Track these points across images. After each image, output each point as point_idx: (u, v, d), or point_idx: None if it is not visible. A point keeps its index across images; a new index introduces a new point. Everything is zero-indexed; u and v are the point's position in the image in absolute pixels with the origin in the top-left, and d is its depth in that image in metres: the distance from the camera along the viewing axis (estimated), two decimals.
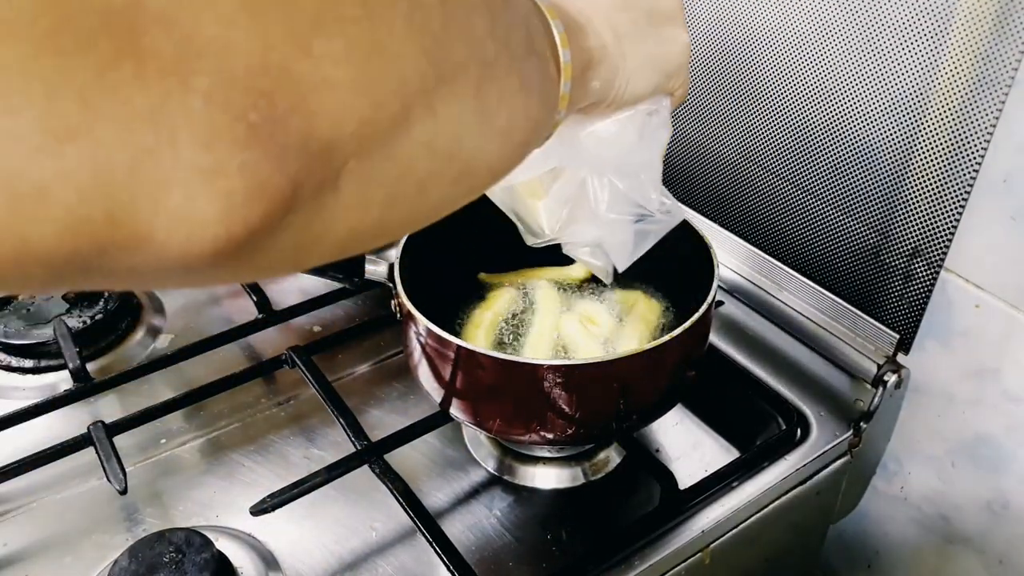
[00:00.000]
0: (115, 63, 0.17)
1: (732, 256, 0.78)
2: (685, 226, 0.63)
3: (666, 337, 0.53)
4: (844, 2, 0.63)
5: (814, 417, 0.67)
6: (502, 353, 0.55)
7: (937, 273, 0.63)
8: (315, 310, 0.78)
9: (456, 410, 0.58)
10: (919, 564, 0.78)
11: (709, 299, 0.55)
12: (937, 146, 0.60)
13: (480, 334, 0.63)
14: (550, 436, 0.55)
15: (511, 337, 0.64)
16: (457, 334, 0.57)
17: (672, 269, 0.66)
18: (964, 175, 0.59)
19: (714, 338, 0.73)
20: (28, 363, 0.73)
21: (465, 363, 0.54)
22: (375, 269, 0.61)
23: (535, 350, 0.61)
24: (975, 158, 0.58)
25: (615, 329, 0.64)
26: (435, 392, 0.58)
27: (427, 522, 0.56)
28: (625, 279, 0.70)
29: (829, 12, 0.64)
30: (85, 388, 0.68)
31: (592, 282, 0.71)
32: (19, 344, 0.72)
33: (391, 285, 0.59)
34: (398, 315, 0.59)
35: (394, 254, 0.60)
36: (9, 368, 0.73)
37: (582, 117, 0.44)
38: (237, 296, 0.80)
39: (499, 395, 0.55)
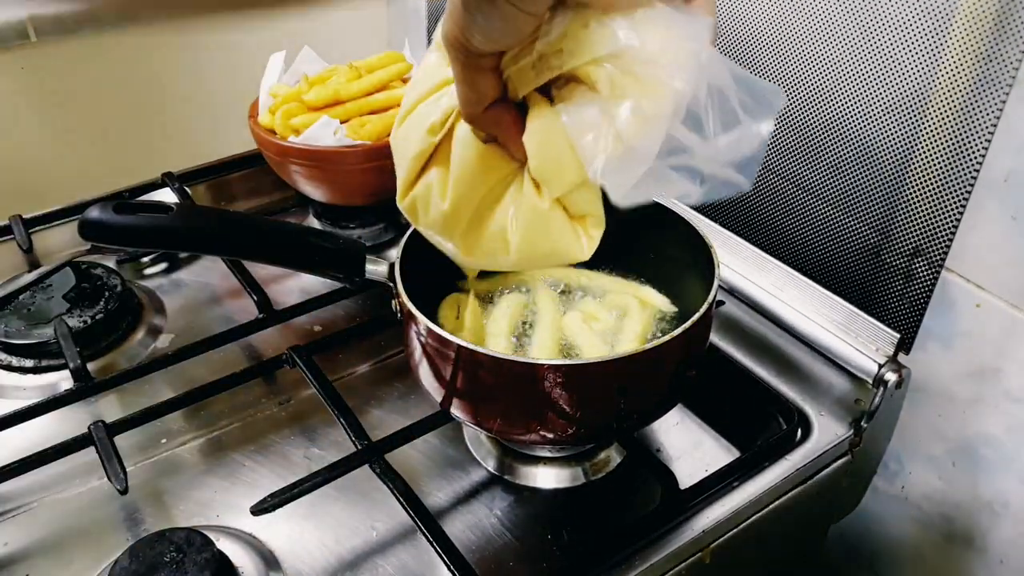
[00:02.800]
0: None
1: (732, 256, 0.78)
2: (686, 226, 0.63)
3: (666, 337, 0.53)
4: (844, 2, 0.63)
5: (815, 417, 0.67)
6: (502, 353, 0.55)
7: (938, 273, 0.63)
8: (316, 310, 0.77)
9: (456, 410, 0.58)
10: (920, 563, 0.78)
11: (710, 299, 0.55)
12: (938, 146, 0.60)
13: (501, 340, 0.62)
14: (550, 436, 0.55)
15: (519, 339, 0.64)
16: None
17: (673, 268, 0.66)
18: (965, 175, 0.59)
19: (714, 338, 0.73)
20: (29, 363, 0.73)
21: (465, 363, 0.54)
22: (375, 269, 0.61)
23: (542, 350, 0.61)
24: (976, 158, 0.58)
25: (616, 327, 0.64)
26: (435, 392, 0.58)
27: (428, 522, 0.56)
28: (625, 277, 0.70)
29: (829, 12, 0.64)
30: (86, 388, 0.68)
31: (589, 278, 0.70)
32: (19, 344, 0.72)
33: (391, 285, 0.59)
34: (399, 315, 0.59)
35: (395, 254, 0.60)
36: (9, 368, 0.72)
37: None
38: (237, 296, 0.81)
39: (499, 395, 0.55)
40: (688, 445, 0.67)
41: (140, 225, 0.58)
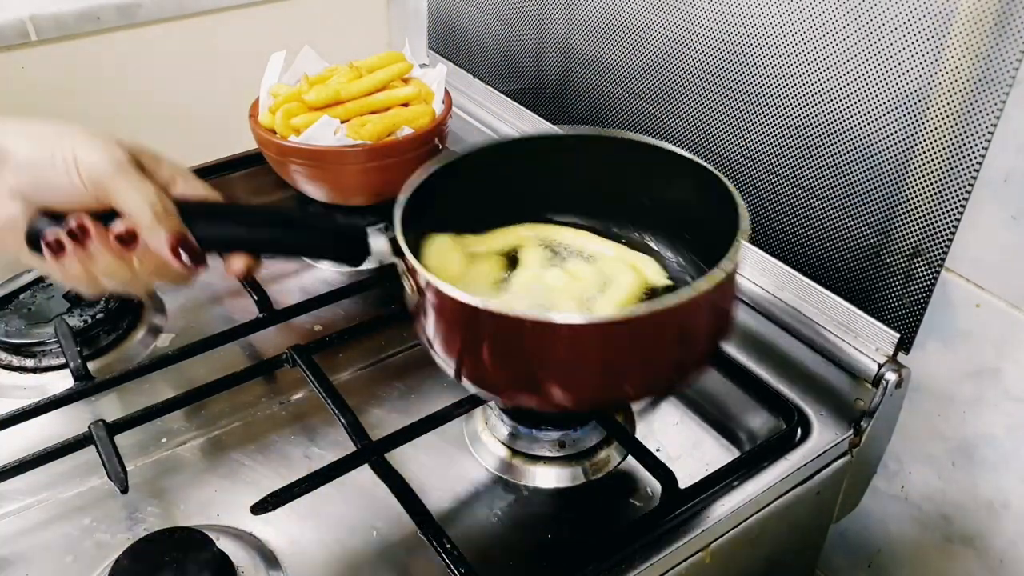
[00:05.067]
0: None
1: None
2: (720, 187, 0.58)
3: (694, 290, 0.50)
4: (844, 2, 0.63)
5: (815, 416, 0.67)
6: (560, 316, 0.51)
7: (938, 273, 0.63)
8: (316, 309, 0.77)
9: (480, 382, 0.55)
10: (920, 563, 0.78)
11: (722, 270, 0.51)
12: (938, 145, 0.60)
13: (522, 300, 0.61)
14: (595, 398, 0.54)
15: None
16: None
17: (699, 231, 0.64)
18: (965, 174, 0.59)
19: None
20: (29, 362, 0.73)
21: (500, 330, 0.51)
22: (379, 246, 0.57)
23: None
24: (976, 157, 0.58)
25: (597, 290, 0.63)
26: (452, 364, 0.55)
27: (427, 522, 0.56)
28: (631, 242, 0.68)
29: (829, 12, 0.64)
30: (86, 387, 0.68)
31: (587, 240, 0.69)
32: (20, 343, 0.72)
33: (399, 260, 0.55)
34: (411, 291, 0.55)
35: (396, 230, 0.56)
36: (10, 367, 0.73)
37: None
38: (238, 295, 0.81)
39: (541, 362, 0.52)
40: (688, 445, 0.67)
41: None
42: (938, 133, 0.60)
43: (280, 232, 0.57)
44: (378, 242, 0.57)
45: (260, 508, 0.56)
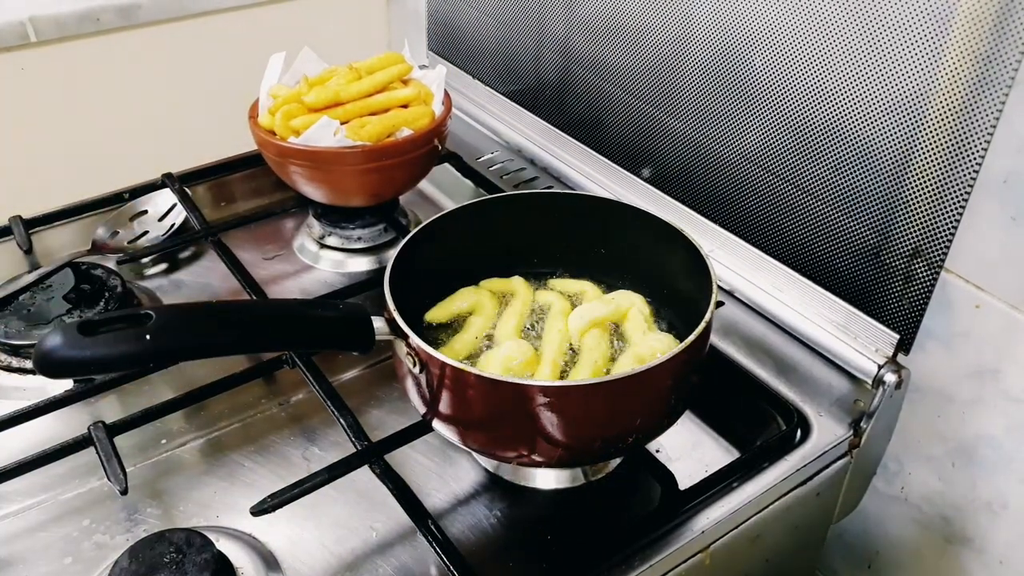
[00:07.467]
0: None
1: (732, 256, 0.78)
2: (687, 244, 0.62)
3: (654, 362, 0.52)
4: (844, 2, 0.63)
5: (814, 417, 0.67)
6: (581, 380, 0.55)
7: (937, 273, 0.63)
8: None
9: (497, 448, 0.57)
10: (919, 564, 0.78)
11: (698, 330, 0.54)
12: (937, 146, 0.60)
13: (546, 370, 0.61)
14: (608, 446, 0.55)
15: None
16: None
17: (670, 284, 0.65)
18: (964, 175, 0.59)
19: (714, 338, 0.73)
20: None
21: (523, 402, 0.52)
22: (382, 327, 0.57)
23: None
24: (975, 158, 0.58)
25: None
26: (461, 437, 0.57)
27: (427, 522, 0.56)
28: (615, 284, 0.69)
29: (829, 12, 0.64)
30: (86, 389, 0.68)
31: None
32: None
33: (400, 337, 0.55)
34: (414, 366, 0.55)
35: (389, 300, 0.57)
36: (10, 368, 0.72)
37: None
38: (237, 296, 0.81)
39: (581, 423, 0.54)
40: (688, 445, 0.67)
41: (111, 351, 0.50)
42: (938, 134, 0.60)
43: (287, 328, 0.56)
44: (381, 324, 0.57)
45: (260, 509, 0.56)
